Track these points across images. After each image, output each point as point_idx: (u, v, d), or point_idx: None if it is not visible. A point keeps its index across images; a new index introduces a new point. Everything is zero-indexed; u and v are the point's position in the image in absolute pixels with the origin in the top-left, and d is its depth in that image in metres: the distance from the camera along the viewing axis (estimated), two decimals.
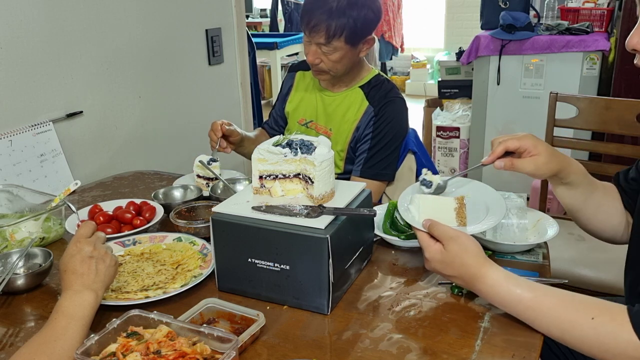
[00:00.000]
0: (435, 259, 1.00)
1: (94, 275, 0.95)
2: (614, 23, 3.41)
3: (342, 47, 1.56)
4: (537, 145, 1.09)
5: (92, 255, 0.97)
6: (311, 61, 1.61)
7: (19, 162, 1.68)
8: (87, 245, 0.98)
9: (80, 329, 0.88)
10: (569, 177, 1.14)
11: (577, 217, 1.23)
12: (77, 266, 0.95)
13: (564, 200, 1.20)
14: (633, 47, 0.99)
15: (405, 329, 0.99)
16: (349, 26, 1.53)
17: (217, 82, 2.49)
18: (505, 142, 1.10)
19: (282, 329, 1.00)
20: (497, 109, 3.47)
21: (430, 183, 1.17)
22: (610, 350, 0.86)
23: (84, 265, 0.95)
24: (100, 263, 0.97)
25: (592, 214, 1.20)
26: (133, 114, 2.09)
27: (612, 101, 1.94)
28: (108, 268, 0.98)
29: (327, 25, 1.52)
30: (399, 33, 6.70)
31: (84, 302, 0.91)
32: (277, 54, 5.02)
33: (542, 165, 1.09)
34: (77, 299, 0.91)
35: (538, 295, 0.93)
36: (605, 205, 1.19)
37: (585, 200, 1.18)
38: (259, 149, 1.14)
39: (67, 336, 0.86)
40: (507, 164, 1.10)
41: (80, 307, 0.91)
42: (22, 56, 1.68)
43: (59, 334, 0.86)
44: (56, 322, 0.88)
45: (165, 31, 2.17)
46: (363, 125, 1.66)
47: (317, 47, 1.58)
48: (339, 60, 1.59)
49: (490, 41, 3.34)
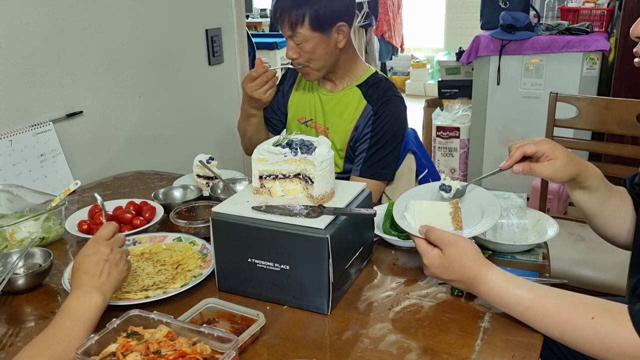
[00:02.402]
0: (434, 264, 1.00)
1: (105, 278, 0.96)
2: (614, 23, 3.41)
3: (310, 35, 1.57)
4: (554, 150, 1.09)
5: (108, 258, 0.97)
6: (290, 56, 1.62)
7: (19, 162, 1.68)
8: (104, 247, 0.98)
9: (85, 331, 0.89)
10: (587, 181, 1.13)
11: (593, 222, 1.22)
12: (90, 267, 0.95)
13: (581, 204, 1.19)
14: (638, 34, 0.99)
15: (405, 329, 0.99)
16: (310, 12, 1.54)
17: (217, 82, 2.48)
18: (523, 147, 1.11)
19: (282, 329, 1.00)
20: (497, 109, 3.47)
21: (450, 188, 1.18)
22: (611, 350, 0.86)
23: (97, 267, 0.96)
24: (113, 267, 0.98)
25: (608, 218, 1.19)
26: (133, 114, 2.09)
27: (612, 101, 1.94)
28: (120, 273, 0.99)
29: (289, 14, 1.55)
30: (399, 33, 6.70)
31: (91, 304, 0.92)
32: (277, 54, 5.02)
33: (559, 169, 1.09)
34: (85, 300, 0.92)
35: (538, 296, 0.93)
36: (621, 210, 1.18)
37: (602, 205, 1.17)
38: (259, 149, 1.14)
39: (72, 338, 0.86)
40: (525, 168, 1.11)
41: (87, 309, 0.91)
42: (22, 56, 1.68)
43: (62, 335, 0.86)
44: (61, 322, 0.88)
45: (165, 31, 2.17)
46: (362, 125, 1.66)
47: (291, 42, 1.60)
48: (313, 51, 1.59)
49: (490, 41, 3.34)
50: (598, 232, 1.24)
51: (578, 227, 2.04)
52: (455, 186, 1.18)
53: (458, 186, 1.18)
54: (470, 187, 1.21)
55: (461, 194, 1.18)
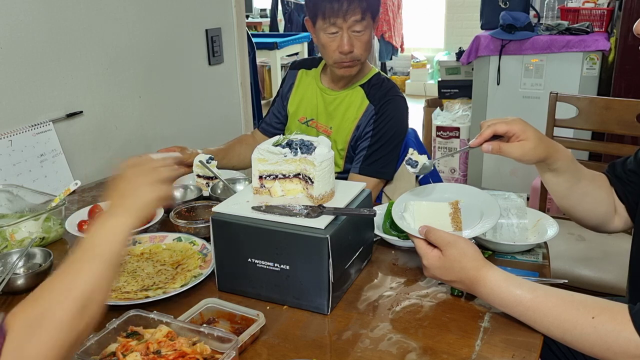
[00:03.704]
0: (434, 265, 1.00)
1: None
2: (614, 23, 3.41)
3: (369, 25, 1.60)
4: (525, 130, 1.08)
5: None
6: (347, 50, 1.57)
7: (19, 162, 1.68)
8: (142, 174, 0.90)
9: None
10: (556, 164, 1.13)
11: (562, 203, 1.22)
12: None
13: (550, 186, 1.19)
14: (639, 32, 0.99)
15: (405, 329, 0.99)
16: (370, 1, 1.56)
17: (217, 82, 2.48)
18: (494, 126, 1.09)
19: (282, 329, 1.00)
20: (497, 109, 3.47)
21: (416, 163, 1.15)
22: (612, 350, 0.86)
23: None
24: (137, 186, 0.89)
25: (577, 201, 1.20)
26: (133, 114, 2.09)
27: (612, 101, 1.94)
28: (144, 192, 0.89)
29: (359, 2, 1.54)
30: (399, 33, 6.70)
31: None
32: (277, 54, 5.02)
33: (529, 151, 1.08)
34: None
35: (538, 296, 0.93)
36: (591, 194, 1.19)
37: (571, 187, 1.17)
38: (259, 149, 1.14)
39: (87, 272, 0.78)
40: (495, 148, 1.09)
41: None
42: (22, 56, 1.68)
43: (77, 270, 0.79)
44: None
45: (165, 31, 2.17)
46: (363, 124, 1.66)
47: (348, 34, 1.57)
48: (368, 42, 1.61)
49: (490, 41, 3.34)
50: (567, 213, 1.24)
51: (578, 227, 2.01)
52: (422, 161, 1.15)
53: (425, 161, 1.16)
54: (468, 189, 1.21)
55: (427, 169, 1.15)
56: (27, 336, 0.69)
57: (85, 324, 0.74)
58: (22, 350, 0.68)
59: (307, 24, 1.68)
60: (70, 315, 0.72)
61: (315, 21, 1.61)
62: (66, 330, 0.72)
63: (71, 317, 0.72)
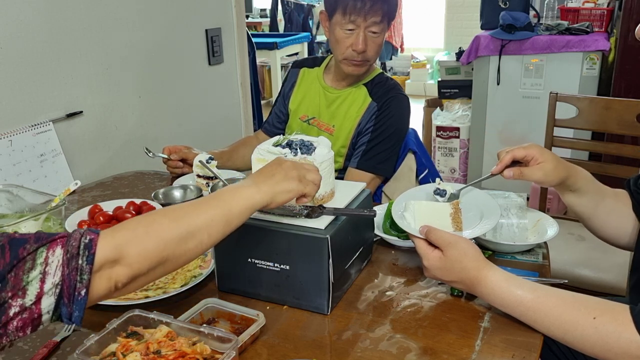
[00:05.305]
0: (435, 266, 1.00)
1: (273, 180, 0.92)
2: (614, 23, 3.41)
3: (384, 29, 1.61)
4: (543, 153, 1.11)
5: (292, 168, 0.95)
6: (361, 49, 1.58)
7: (19, 162, 1.68)
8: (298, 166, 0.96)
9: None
10: (577, 184, 1.14)
11: (589, 224, 1.22)
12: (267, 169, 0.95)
13: (574, 208, 1.20)
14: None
15: (405, 329, 0.99)
16: (390, 5, 1.57)
17: (217, 82, 2.48)
18: (513, 151, 1.12)
19: (282, 329, 1.00)
20: (497, 109, 3.47)
21: (445, 192, 1.19)
22: (613, 350, 0.86)
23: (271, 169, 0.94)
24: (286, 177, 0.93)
25: (604, 220, 1.19)
26: (133, 114, 2.09)
27: (612, 101, 1.94)
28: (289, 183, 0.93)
29: (383, 4, 1.55)
30: (399, 33, 6.70)
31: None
32: (277, 54, 5.03)
33: (550, 172, 1.10)
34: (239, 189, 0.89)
35: (539, 296, 0.93)
36: (617, 211, 1.18)
37: (596, 207, 1.18)
38: (259, 149, 1.14)
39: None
40: (516, 173, 1.12)
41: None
42: (22, 56, 1.68)
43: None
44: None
45: (165, 31, 2.17)
46: (365, 121, 1.67)
47: (365, 33, 1.57)
48: (380, 45, 1.63)
49: (490, 41, 3.34)
50: (596, 234, 1.24)
51: (578, 227, 2.03)
52: (450, 190, 1.19)
53: (452, 190, 1.19)
54: (466, 190, 1.21)
55: (455, 197, 1.18)
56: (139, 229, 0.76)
57: (182, 251, 0.79)
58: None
59: (322, 16, 1.68)
60: (171, 235, 0.77)
61: (332, 15, 1.61)
62: (165, 242, 0.77)
63: (171, 236, 0.77)
